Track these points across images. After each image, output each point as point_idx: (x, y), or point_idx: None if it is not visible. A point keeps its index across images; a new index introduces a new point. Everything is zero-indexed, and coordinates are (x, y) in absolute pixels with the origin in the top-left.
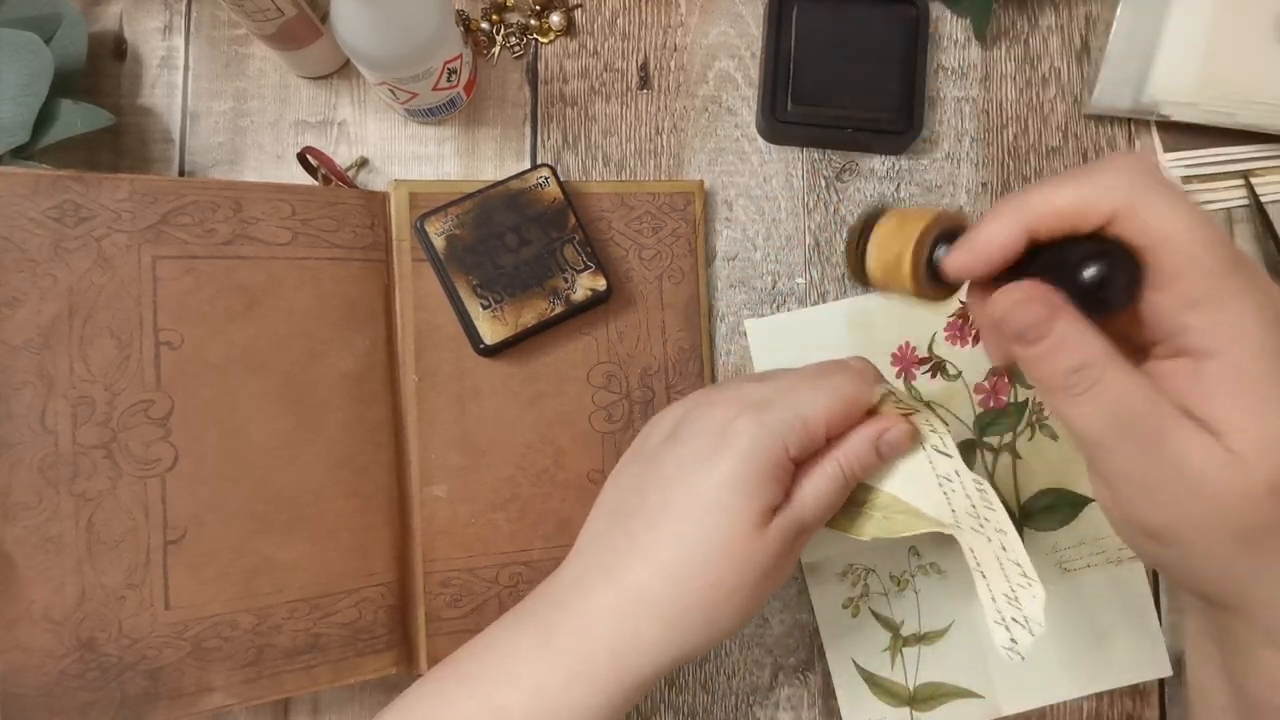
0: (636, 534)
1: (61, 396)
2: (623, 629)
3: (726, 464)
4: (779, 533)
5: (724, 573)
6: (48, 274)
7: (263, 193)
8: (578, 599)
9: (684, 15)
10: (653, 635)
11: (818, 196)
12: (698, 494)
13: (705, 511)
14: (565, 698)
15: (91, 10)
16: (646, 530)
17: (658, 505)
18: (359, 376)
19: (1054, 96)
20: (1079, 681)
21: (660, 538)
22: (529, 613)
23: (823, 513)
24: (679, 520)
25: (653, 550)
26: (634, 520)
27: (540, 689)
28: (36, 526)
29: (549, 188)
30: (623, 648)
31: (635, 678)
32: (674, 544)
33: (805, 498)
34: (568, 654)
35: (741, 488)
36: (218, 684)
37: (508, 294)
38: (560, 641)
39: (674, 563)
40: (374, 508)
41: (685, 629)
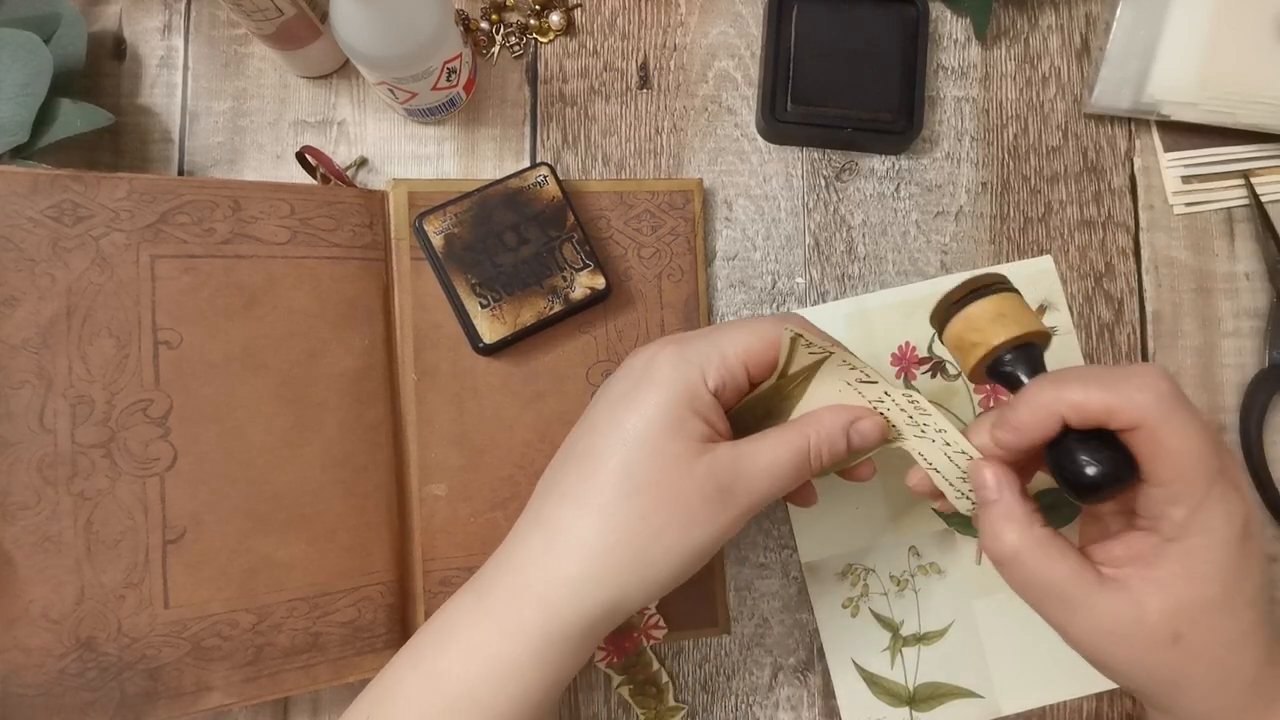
0: (566, 479)
1: (60, 396)
2: (549, 572)
3: (647, 396)
4: (709, 470)
5: (648, 505)
6: (46, 273)
7: (261, 192)
8: (510, 554)
9: (684, 15)
10: (579, 572)
11: (818, 196)
12: (622, 430)
13: (628, 445)
14: (495, 651)
15: (91, 10)
16: (576, 473)
17: (586, 449)
18: (358, 375)
19: (1054, 96)
20: (1079, 681)
21: (587, 478)
22: (472, 581)
23: (771, 478)
24: (605, 457)
25: (580, 490)
26: (566, 468)
27: (474, 648)
28: (35, 526)
29: (547, 186)
30: (550, 593)
31: (563, 624)
32: (600, 481)
33: (757, 452)
34: (498, 608)
35: (661, 418)
36: (217, 683)
37: (506, 293)
38: (492, 598)
39: (599, 498)
40: (373, 507)
41: (613, 566)
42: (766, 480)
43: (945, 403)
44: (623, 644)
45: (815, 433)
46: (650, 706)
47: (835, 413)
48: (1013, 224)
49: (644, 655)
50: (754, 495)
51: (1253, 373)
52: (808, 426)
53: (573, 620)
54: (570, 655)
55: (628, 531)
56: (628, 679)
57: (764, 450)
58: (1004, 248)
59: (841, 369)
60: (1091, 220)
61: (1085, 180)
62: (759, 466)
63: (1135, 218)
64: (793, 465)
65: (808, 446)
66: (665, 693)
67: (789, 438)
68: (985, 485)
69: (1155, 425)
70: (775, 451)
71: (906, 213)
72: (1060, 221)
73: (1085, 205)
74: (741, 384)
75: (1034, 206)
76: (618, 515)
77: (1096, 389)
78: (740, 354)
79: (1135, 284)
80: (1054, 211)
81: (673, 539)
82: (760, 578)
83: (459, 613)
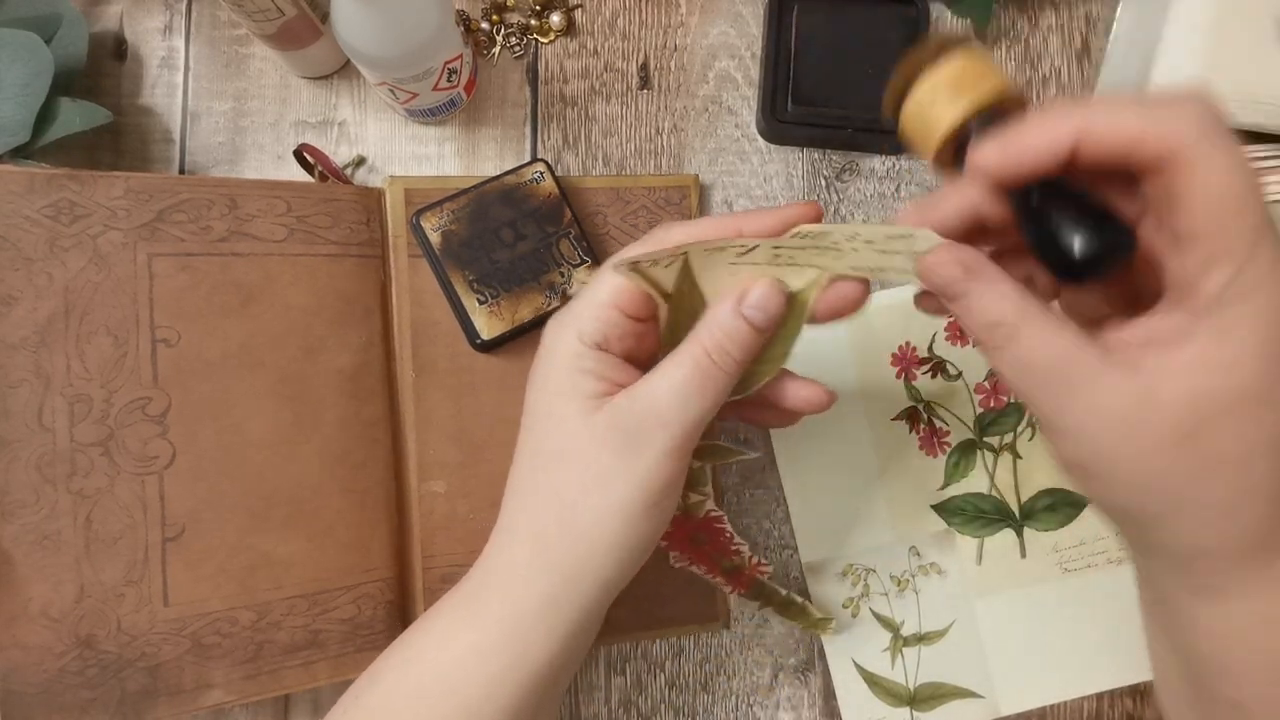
0: (510, 473)
1: (58, 394)
2: (501, 561)
3: (540, 371)
4: (608, 421)
5: (559, 478)
6: (43, 272)
7: (258, 190)
8: (485, 551)
9: (684, 15)
10: (523, 557)
11: (818, 196)
12: (529, 410)
13: (535, 420)
14: (464, 639)
15: (92, 10)
16: (512, 465)
17: (518, 440)
18: (355, 372)
19: (1054, 96)
20: (1079, 681)
21: (514, 466)
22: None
23: (679, 400)
24: (522, 442)
25: (512, 481)
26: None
27: (447, 636)
28: (34, 524)
29: (544, 182)
30: (505, 579)
31: (522, 610)
32: (520, 465)
33: (653, 384)
34: (466, 596)
35: (552, 385)
36: (217, 680)
37: (504, 289)
38: (464, 589)
39: (522, 483)
40: (372, 504)
41: (548, 544)
42: (674, 406)
43: (945, 403)
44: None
45: (708, 334)
46: (800, 618)
47: (719, 303)
48: None
49: (765, 587)
50: (669, 426)
51: None
52: (699, 330)
53: (530, 604)
54: (540, 640)
55: (550, 506)
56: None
57: (660, 377)
58: None
59: (713, 255)
60: None
61: None
62: (660, 395)
63: None
64: (696, 377)
65: (704, 350)
66: (806, 609)
67: (682, 351)
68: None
69: (1194, 159)
70: (672, 373)
71: None
72: None
73: None
74: (625, 326)
75: None
76: (538, 495)
77: (1127, 110)
78: (607, 299)
79: None
80: None
81: (595, 502)
82: None
83: (441, 605)
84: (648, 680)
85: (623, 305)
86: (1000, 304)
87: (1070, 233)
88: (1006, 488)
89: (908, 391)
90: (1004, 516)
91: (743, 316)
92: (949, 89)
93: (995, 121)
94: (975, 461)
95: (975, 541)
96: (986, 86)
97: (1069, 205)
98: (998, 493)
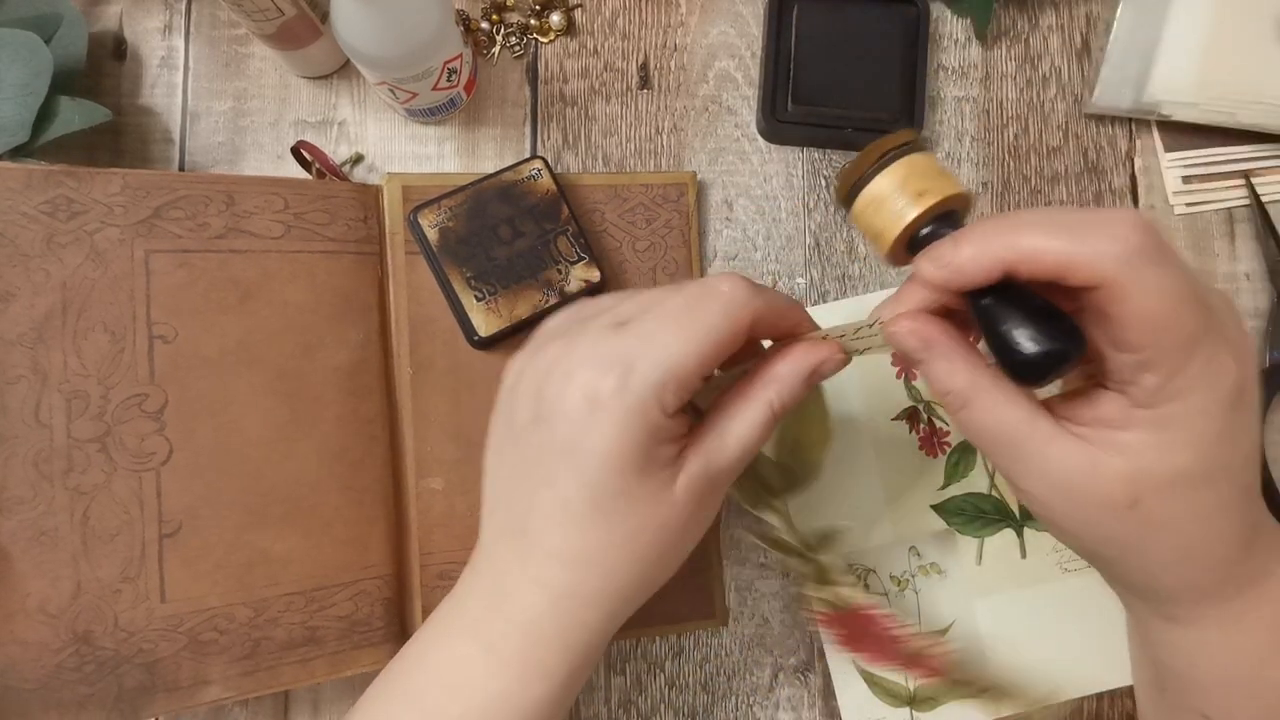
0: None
1: (55, 390)
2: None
3: (605, 445)
4: (687, 490)
5: (644, 547)
6: (41, 268)
7: (255, 186)
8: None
9: (684, 15)
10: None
11: (818, 196)
12: (592, 486)
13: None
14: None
15: (91, 10)
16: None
17: (559, 504)
18: (353, 369)
19: (1054, 96)
20: (1079, 681)
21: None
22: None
23: (745, 453)
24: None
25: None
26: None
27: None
28: (31, 520)
29: (542, 179)
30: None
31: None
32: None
33: (724, 442)
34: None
35: (629, 466)
36: (214, 677)
37: (501, 286)
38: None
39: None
40: (369, 501)
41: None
42: (742, 461)
43: None
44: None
45: (776, 393)
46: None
47: (792, 361)
48: None
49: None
50: (733, 476)
51: None
52: (767, 388)
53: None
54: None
55: (632, 573)
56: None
57: (731, 437)
58: None
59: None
60: None
61: (1086, 180)
62: (731, 454)
63: None
64: (763, 434)
65: (772, 412)
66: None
67: (752, 411)
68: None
69: (1123, 284)
70: (742, 431)
71: None
72: None
73: (1086, 205)
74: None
75: (1035, 207)
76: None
77: (1057, 236)
78: (694, 370)
79: None
80: None
81: (673, 559)
82: (760, 578)
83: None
84: (648, 680)
85: (709, 369)
86: (952, 377)
87: (1019, 339)
88: (1006, 488)
89: (908, 391)
90: (1004, 516)
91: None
92: (898, 191)
93: (943, 222)
94: (975, 461)
95: (975, 541)
96: (933, 188)
97: (1017, 309)
98: (998, 493)
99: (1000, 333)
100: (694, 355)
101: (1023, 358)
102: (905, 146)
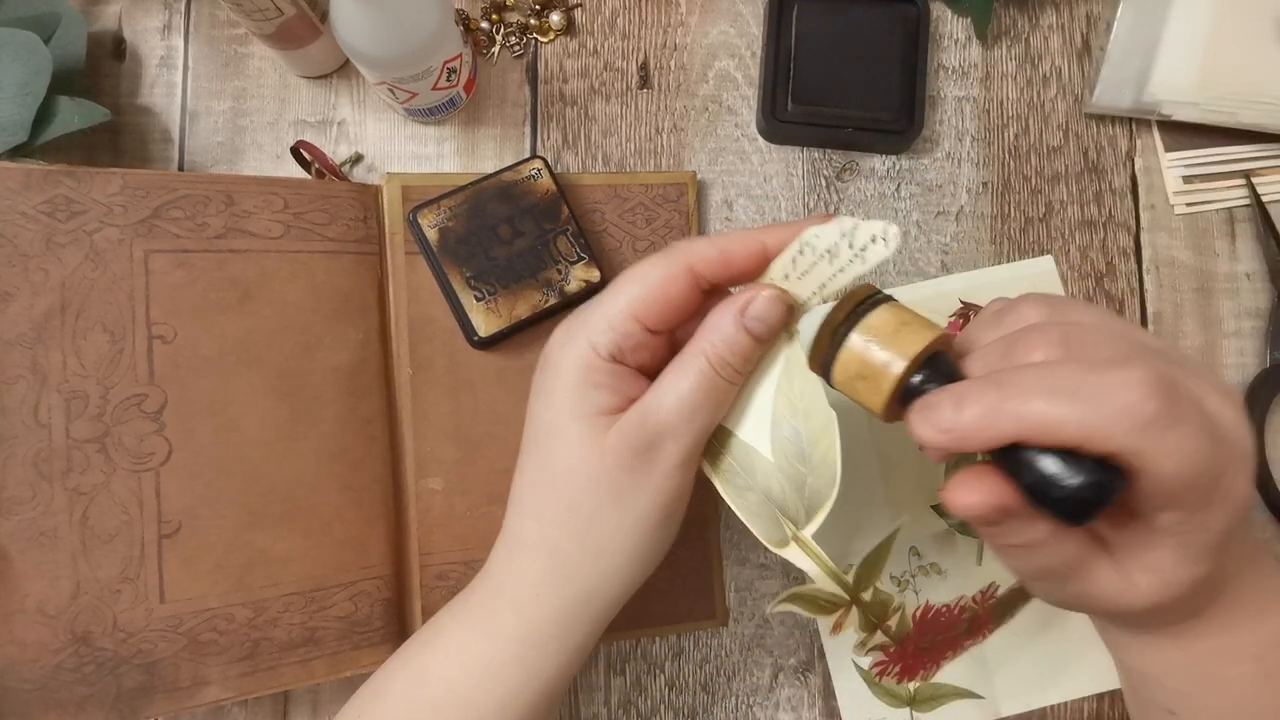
0: (514, 484)
1: (55, 391)
2: (514, 576)
3: (548, 383)
4: (619, 438)
5: (573, 492)
6: (40, 268)
7: (255, 186)
8: (489, 562)
9: (684, 15)
10: (536, 573)
11: (818, 196)
12: (536, 424)
13: (544, 436)
14: (478, 653)
15: (91, 10)
16: (517, 475)
17: (522, 450)
18: (353, 369)
19: (1055, 96)
20: (1079, 682)
21: (521, 478)
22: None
23: (686, 412)
24: (529, 454)
25: (519, 492)
26: (516, 473)
27: (458, 649)
28: (31, 520)
29: (542, 179)
30: (519, 597)
31: (536, 625)
32: (528, 479)
33: (660, 397)
34: (478, 611)
35: (563, 403)
36: (214, 677)
37: (501, 286)
38: (474, 602)
39: (531, 497)
40: (369, 501)
41: (564, 563)
42: (682, 418)
43: None
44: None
45: (709, 343)
46: None
47: (721, 310)
48: (1013, 224)
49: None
50: (679, 439)
51: (1254, 373)
52: (699, 339)
53: (545, 621)
54: (553, 655)
55: (563, 525)
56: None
57: (664, 390)
58: (1005, 248)
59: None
60: (1092, 220)
61: (1086, 180)
62: (667, 409)
63: (1136, 218)
64: (702, 389)
65: (707, 362)
66: None
67: (684, 363)
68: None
69: (1142, 452)
70: (676, 385)
71: (907, 213)
72: (1061, 222)
73: (1086, 205)
74: (641, 339)
75: (1035, 206)
76: (549, 512)
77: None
78: (625, 310)
79: (1136, 284)
80: (1055, 211)
81: (611, 518)
82: (761, 578)
83: (449, 616)
84: (648, 681)
85: (641, 315)
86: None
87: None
88: None
89: None
90: None
91: (744, 329)
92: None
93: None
94: (975, 461)
95: (975, 541)
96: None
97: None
98: None
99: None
100: (624, 299)
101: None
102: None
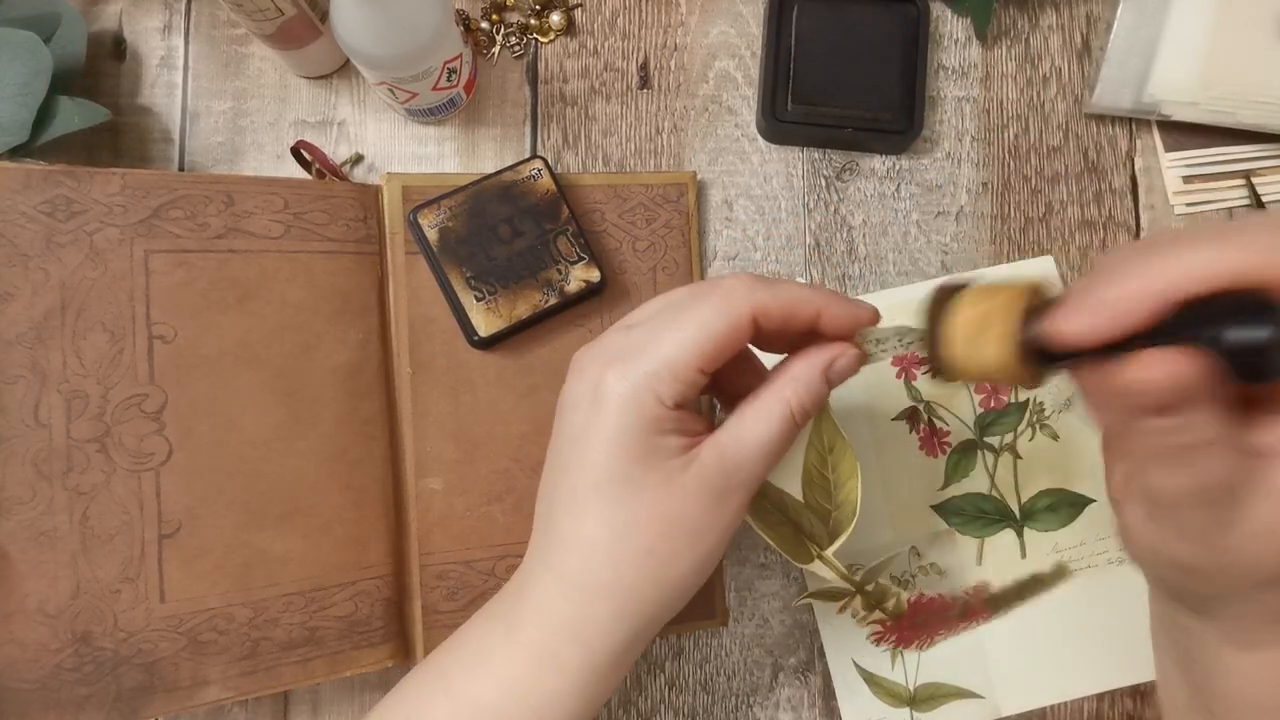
0: (561, 522)
1: (55, 390)
2: (579, 614)
3: (605, 430)
4: (699, 481)
5: (651, 539)
6: (40, 268)
7: (255, 186)
8: (534, 590)
9: (684, 15)
10: (607, 615)
11: (818, 196)
12: (594, 470)
13: (609, 484)
14: (536, 686)
15: (91, 10)
16: (567, 518)
17: (569, 490)
18: (353, 369)
19: (1055, 96)
20: (1079, 682)
21: (582, 523)
22: (492, 610)
23: (765, 456)
24: (590, 499)
25: (580, 536)
26: (555, 511)
27: (514, 681)
28: (31, 520)
29: (542, 179)
30: (583, 633)
31: (602, 658)
32: (593, 526)
33: (739, 438)
34: (535, 647)
35: (634, 454)
36: (213, 677)
37: (501, 286)
38: (526, 635)
39: (601, 543)
40: (369, 501)
41: (637, 600)
42: (761, 461)
43: (946, 403)
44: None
45: (793, 392)
46: None
47: (807, 360)
48: (1013, 224)
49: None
50: (753, 478)
51: None
52: (784, 387)
53: (610, 652)
54: (611, 681)
55: (642, 571)
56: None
57: (748, 432)
58: (1004, 248)
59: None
60: (1092, 220)
61: (1086, 180)
62: (748, 450)
63: (1136, 218)
64: (781, 434)
65: (790, 411)
66: None
67: (768, 409)
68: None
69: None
70: (758, 429)
71: (907, 213)
72: (1061, 222)
73: (1086, 205)
74: (702, 384)
75: (1035, 206)
76: (627, 561)
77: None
78: (692, 363)
79: None
80: (1055, 212)
81: (686, 559)
82: (760, 578)
83: (490, 643)
84: (647, 680)
85: (706, 368)
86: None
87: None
88: (1007, 488)
89: (908, 391)
90: (1004, 516)
91: (827, 380)
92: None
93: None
94: (975, 461)
95: (975, 541)
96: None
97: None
98: (998, 493)
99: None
100: (687, 348)
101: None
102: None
